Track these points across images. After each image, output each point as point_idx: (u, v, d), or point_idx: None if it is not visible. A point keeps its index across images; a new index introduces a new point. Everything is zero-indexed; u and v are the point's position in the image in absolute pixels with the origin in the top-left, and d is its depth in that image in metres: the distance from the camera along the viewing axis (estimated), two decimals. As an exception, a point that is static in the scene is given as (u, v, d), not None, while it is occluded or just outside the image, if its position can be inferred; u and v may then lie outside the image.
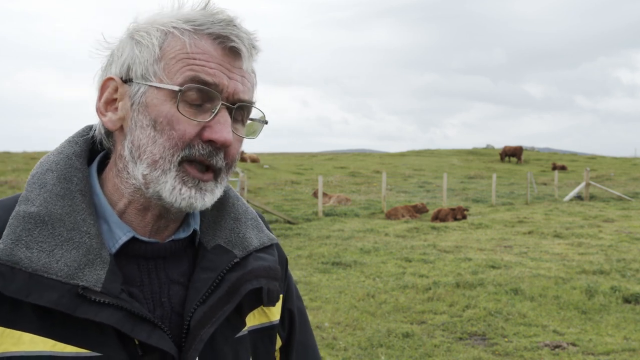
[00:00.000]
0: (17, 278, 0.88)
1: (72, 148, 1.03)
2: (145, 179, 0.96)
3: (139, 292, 0.98)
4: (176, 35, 0.96)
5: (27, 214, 0.93)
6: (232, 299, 1.00)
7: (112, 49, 1.02)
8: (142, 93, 0.96)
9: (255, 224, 1.12)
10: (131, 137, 0.97)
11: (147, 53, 0.96)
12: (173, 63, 0.95)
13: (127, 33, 1.01)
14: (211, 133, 0.95)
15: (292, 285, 1.22)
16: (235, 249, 1.06)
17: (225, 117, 0.96)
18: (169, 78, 0.94)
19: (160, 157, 0.94)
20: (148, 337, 0.92)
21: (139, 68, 0.96)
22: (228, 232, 1.08)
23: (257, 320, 1.10)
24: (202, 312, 0.98)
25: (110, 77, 0.99)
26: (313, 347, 1.24)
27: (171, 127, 0.94)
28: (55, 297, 0.88)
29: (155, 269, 1.01)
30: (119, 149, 1.00)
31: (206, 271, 1.02)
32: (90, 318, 0.89)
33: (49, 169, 0.99)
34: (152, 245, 1.01)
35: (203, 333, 0.97)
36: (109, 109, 1.00)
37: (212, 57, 0.95)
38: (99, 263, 0.92)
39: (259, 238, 1.10)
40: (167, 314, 0.99)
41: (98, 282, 0.91)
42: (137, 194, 0.99)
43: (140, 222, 1.01)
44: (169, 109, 0.94)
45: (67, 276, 0.89)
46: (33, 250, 0.90)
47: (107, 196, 1.01)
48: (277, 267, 1.09)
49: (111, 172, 1.02)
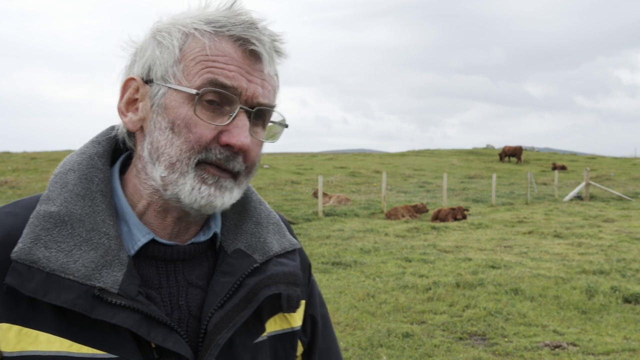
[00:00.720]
0: (35, 277, 0.88)
1: (95, 148, 1.03)
2: (163, 180, 0.95)
3: (157, 294, 0.97)
4: (197, 37, 0.95)
5: (47, 213, 0.93)
6: (249, 304, 0.99)
7: (137, 48, 1.01)
8: (162, 94, 0.95)
9: (277, 228, 1.11)
10: (150, 138, 0.97)
11: (168, 54, 0.95)
12: (192, 65, 0.94)
13: (150, 32, 1.00)
14: (229, 137, 0.93)
15: (315, 291, 1.21)
16: (256, 253, 1.05)
17: (243, 121, 0.95)
18: (187, 80, 0.94)
19: (177, 160, 0.94)
20: (164, 341, 0.92)
21: (159, 69, 0.96)
22: (249, 237, 1.07)
23: (278, 325, 1.09)
24: (220, 316, 0.97)
25: (132, 77, 0.99)
26: (336, 354, 1.22)
27: (188, 130, 0.93)
28: (72, 297, 0.88)
29: (174, 272, 1.00)
30: (139, 150, 1.00)
31: (225, 275, 1.01)
32: (106, 320, 0.88)
33: (71, 169, 0.99)
34: (172, 248, 1.00)
35: (219, 338, 0.96)
36: (129, 109, 1.00)
37: (231, 59, 0.94)
38: (117, 264, 0.92)
39: (280, 243, 1.09)
40: (185, 317, 0.98)
41: (115, 283, 0.90)
42: (155, 195, 0.98)
43: (160, 224, 1.00)
44: (187, 112, 0.93)
45: (84, 277, 0.89)
46: (51, 250, 0.90)
47: (127, 197, 1.01)
48: (297, 273, 1.08)
49: (132, 172, 1.02)
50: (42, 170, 24.99)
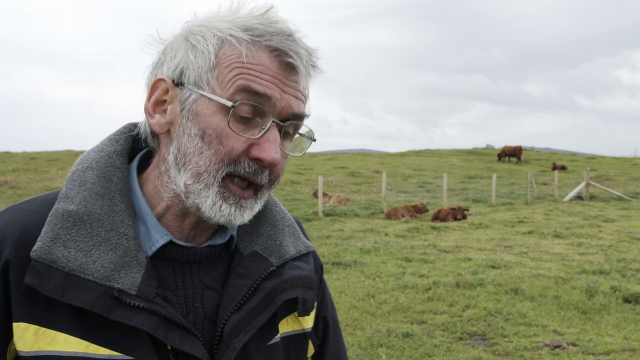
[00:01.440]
0: (54, 277, 0.87)
1: (113, 146, 1.01)
2: (187, 188, 0.94)
3: (173, 296, 0.97)
4: (233, 44, 0.93)
5: (66, 212, 0.92)
6: (267, 308, 0.99)
7: (165, 47, 0.99)
8: (193, 100, 0.93)
9: (292, 230, 1.11)
10: (178, 143, 0.95)
11: (202, 60, 0.93)
12: (227, 72, 0.92)
13: (182, 32, 0.98)
14: (259, 152, 0.92)
15: (327, 293, 1.20)
16: (272, 256, 1.04)
17: (275, 135, 0.93)
18: (221, 88, 0.92)
19: (205, 170, 0.92)
20: (181, 343, 0.91)
21: (192, 74, 0.93)
22: (265, 239, 1.06)
23: (290, 327, 1.08)
24: (236, 320, 0.97)
25: (161, 79, 0.97)
26: (344, 355, 1.22)
27: (219, 142, 0.92)
28: (91, 298, 0.87)
29: (189, 274, 1.00)
30: (164, 152, 0.98)
31: (241, 278, 1.01)
32: (124, 322, 0.88)
33: (89, 167, 0.98)
34: (189, 250, 1.00)
35: (236, 342, 0.96)
36: (157, 111, 0.98)
37: (267, 69, 0.92)
38: (135, 266, 0.91)
39: (295, 246, 1.09)
40: (200, 319, 0.98)
41: (134, 285, 0.90)
42: (176, 200, 0.97)
43: (178, 227, 1.00)
44: (219, 123, 0.91)
45: (103, 278, 0.89)
46: (70, 250, 0.89)
47: (146, 197, 1.00)
48: (312, 276, 1.07)
49: (153, 173, 1.01)
50: (42, 170, 24.98)
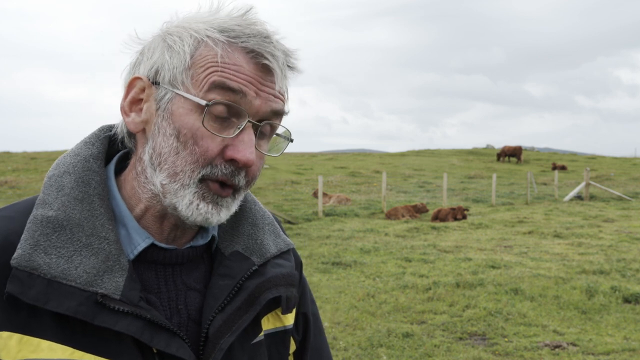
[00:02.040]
0: (36, 284, 0.86)
1: (89, 150, 1.00)
2: (163, 188, 0.94)
3: (156, 299, 0.96)
4: (209, 45, 0.92)
5: (45, 218, 0.90)
6: (251, 307, 0.99)
7: (143, 47, 0.99)
8: (169, 99, 0.93)
9: (272, 229, 1.11)
10: (153, 142, 0.94)
11: (177, 60, 0.93)
12: (201, 72, 0.92)
13: (160, 33, 0.98)
14: (234, 152, 0.92)
15: (307, 289, 1.20)
16: (254, 255, 1.04)
17: (250, 135, 0.93)
18: (195, 87, 0.91)
19: (181, 171, 0.92)
20: (167, 346, 0.91)
21: (167, 74, 0.93)
22: (246, 238, 1.06)
23: (271, 324, 1.08)
24: (221, 320, 0.96)
25: (138, 77, 0.96)
26: (327, 352, 1.22)
27: (194, 142, 0.91)
28: (74, 304, 0.86)
29: (172, 276, 0.99)
30: (140, 152, 0.98)
31: (224, 278, 1.00)
32: (109, 327, 0.87)
33: (66, 172, 0.97)
34: (170, 252, 1.00)
35: (223, 342, 0.95)
36: (133, 109, 0.97)
37: (243, 69, 0.92)
38: (118, 270, 0.91)
39: (276, 244, 1.09)
40: (184, 321, 0.97)
41: (117, 289, 0.89)
42: (154, 200, 0.97)
43: (158, 229, 0.99)
44: (194, 122, 0.91)
45: (86, 283, 0.88)
46: (52, 256, 0.88)
47: (125, 199, 0.99)
48: (294, 273, 1.08)
49: (130, 174, 1.00)
50: (42, 170, 24.98)
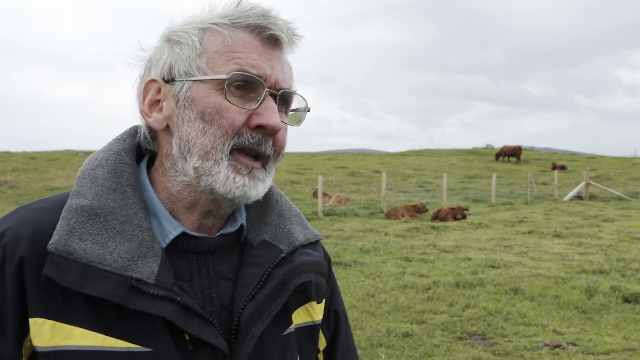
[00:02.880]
0: (72, 269, 0.88)
1: (121, 145, 1.04)
2: (197, 172, 0.96)
3: (190, 287, 0.98)
4: (215, 30, 0.97)
5: (80, 207, 0.94)
6: (281, 294, 1.01)
7: (149, 57, 1.03)
8: (187, 89, 0.97)
9: (299, 220, 1.13)
10: (179, 133, 0.98)
11: (189, 50, 0.97)
12: (217, 57, 0.96)
13: (163, 38, 1.02)
14: (260, 119, 0.96)
15: (337, 287, 1.22)
16: (282, 244, 1.07)
17: (272, 103, 0.97)
18: (213, 71, 0.95)
19: (212, 148, 0.95)
20: (200, 332, 0.93)
21: (182, 65, 0.97)
22: (273, 228, 1.09)
23: (301, 318, 1.10)
24: (252, 308, 0.98)
25: (153, 80, 1.00)
26: (356, 353, 1.23)
27: (221, 117, 0.95)
28: (110, 288, 0.88)
29: (205, 265, 1.02)
30: (166, 149, 1.01)
31: (253, 267, 1.03)
32: (144, 310, 0.89)
33: (100, 165, 1.00)
34: (202, 240, 1.02)
35: (255, 330, 0.97)
36: (153, 110, 1.01)
37: (253, 47, 0.97)
38: (152, 256, 0.93)
39: (304, 234, 1.11)
40: (217, 309, 0.99)
41: (152, 274, 0.91)
42: (185, 192, 1.00)
43: (188, 220, 1.01)
44: (217, 99, 0.95)
45: (121, 268, 0.90)
46: (87, 242, 0.91)
47: (156, 193, 1.02)
48: (323, 263, 1.10)
49: (157, 172, 1.03)
50: (42, 170, 24.99)
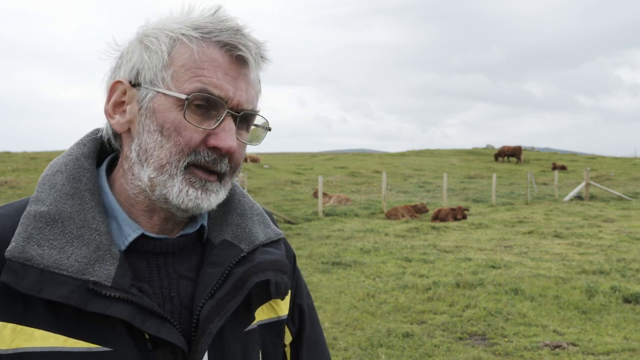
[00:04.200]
0: (29, 274, 0.90)
1: (81, 150, 1.05)
2: (151, 182, 0.98)
3: (149, 287, 0.99)
4: (184, 42, 0.98)
5: (37, 213, 0.95)
6: (239, 292, 1.02)
7: (122, 51, 1.04)
8: (150, 98, 0.98)
9: (261, 219, 1.14)
10: (138, 140, 0.99)
11: (156, 59, 0.98)
12: (182, 72, 0.97)
13: (136, 36, 1.02)
14: (216, 140, 0.97)
15: (301, 282, 1.24)
16: (242, 243, 1.08)
17: (230, 125, 0.98)
18: (176, 87, 0.96)
19: (167, 162, 0.97)
20: (158, 331, 0.94)
21: (148, 73, 0.98)
22: (234, 228, 1.10)
23: (265, 315, 1.12)
24: (211, 306, 1.00)
25: (119, 81, 1.01)
26: (323, 343, 1.26)
27: (178, 134, 0.96)
28: (67, 292, 0.90)
29: (164, 265, 1.03)
30: (126, 151, 1.02)
31: (213, 266, 1.04)
32: (101, 312, 0.90)
33: (59, 170, 1.01)
34: (162, 241, 1.03)
35: (212, 327, 0.99)
36: (117, 112, 1.02)
37: (219, 65, 0.97)
38: (109, 259, 0.94)
39: (265, 233, 1.12)
40: (177, 308, 1.01)
41: (108, 277, 0.92)
42: (141, 196, 1.01)
43: (148, 223, 1.03)
44: (176, 116, 0.96)
45: (78, 272, 0.91)
46: (44, 248, 0.92)
47: (115, 196, 1.03)
48: (284, 261, 1.11)
49: (118, 172, 1.05)
50: (42, 170, 24.96)
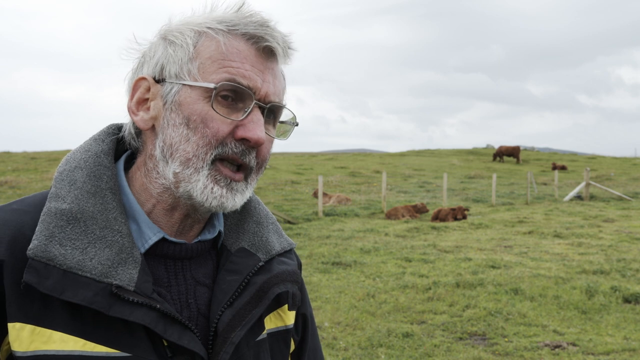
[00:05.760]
0: (52, 275, 0.87)
1: (100, 146, 1.02)
2: (176, 177, 0.96)
3: (167, 292, 0.98)
4: (210, 34, 0.96)
5: (59, 210, 0.92)
6: (260, 302, 1.01)
7: (144, 51, 1.02)
8: (176, 92, 0.96)
9: (275, 228, 1.14)
10: (163, 136, 0.97)
11: (182, 52, 0.96)
12: (209, 63, 0.95)
13: (159, 35, 1.01)
14: (244, 131, 0.95)
15: (305, 290, 1.23)
16: (259, 252, 1.07)
17: (258, 116, 0.96)
18: (203, 78, 0.94)
19: (193, 155, 0.94)
20: (179, 339, 0.92)
21: (173, 67, 0.96)
22: (251, 236, 1.08)
23: (273, 324, 1.10)
24: (231, 315, 0.98)
25: (143, 77, 0.99)
26: (321, 351, 1.25)
27: (205, 125, 0.94)
28: (90, 295, 0.88)
29: (182, 270, 1.01)
30: (149, 149, 1.00)
31: (231, 274, 1.02)
32: (124, 317, 0.88)
33: (78, 167, 0.98)
34: (180, 246, 1.01)
35: (234, 336, 0.97)
36: (140, 109, 1.00)
37: (246, 57, 0.96)
38: (131, 262, 0.92)
39: (280, 242, 1.11)
40: (194, 315, 0.99)
41: (131, 281, 0.91)
42: (165, 194, 0.99)
43: (167, 222, 1.01)
44: (203, 107, 0.94)
45: (101, 274, 0.89)
46: (66, 248, 0.89)
47: (135, 195, 1.01)
48: (298, 272, 1.11)
49: (139, 171, 1.02)
50: (42, 170, 24.98)
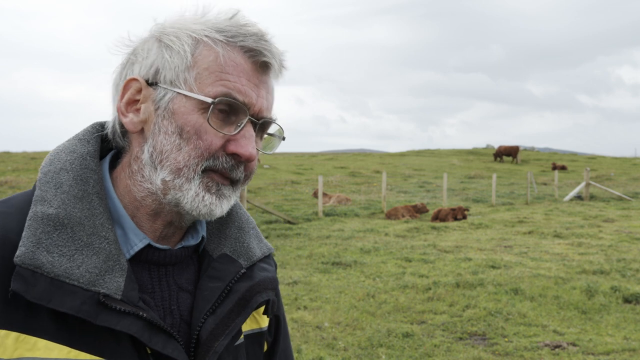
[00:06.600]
0: (39, 283, 0.85)
1: (85, 147, 1.00)
2: (165, 184, 0.94)
3: (151, 299, 0.97)
4: (208, 44, 0.95)
5: (45, 215, 0.90)
6: (243, 310, 1.00)
7: (135, 47, 1.00)
8: (169, 99, 0.94)
9: (256, 233, 1.13)
10: (153, 141, 0.95)
11: (178, 59, 0.95)
12: (206, 75, 0.94)
13: (151, 34, 0.99)
14: (237, 147, 0.95)
15: (278, 291, 1.21)
16: (241, 258, 1.06)
17: (250, 132, 0.96)
18: (199, 89, 0.93)
19: (184, 165, 0.93)
20: (163, 348, 0.91)
21: (169, 73, 0.95)
22: (233, 241, 1.08)
23: (248, 326, 1.09)
24: (214, 323, 0.97)
25: (134, 78, 0.97)
26: (291, 351, 1.24)
27: (198, 137, 0.93)
28: (77, 303, 0.86)
29: (165, 276, 1.00)
30: (136, 151, 0.98)
31: (213, 280, 1.01)
32: (111, 326, 0.87)
33: (63, 169, 0.96)
34: (165, 252, 1.00)
35: (217, 345, 0.96)
36: (130, 110, 0.98)
37: (243, 71, 0.95)
38: (118, 270, 0.91)
39: (260, 248, 1.11)
40: (177, 322, 0.98)
41: (118, 290, 0.89)
42: (149, 199, 0.97)
43: (150, 227, 0.99)
44: (197, 119, 0.93)
45: (89, 283, 0.88)
46: (54, 255, 0.87)
47: (119, 198, 0.99)
48: (276, 278, 1.10)
49: (123, 172, 1.00)
50: (42, 170, 24.95)
